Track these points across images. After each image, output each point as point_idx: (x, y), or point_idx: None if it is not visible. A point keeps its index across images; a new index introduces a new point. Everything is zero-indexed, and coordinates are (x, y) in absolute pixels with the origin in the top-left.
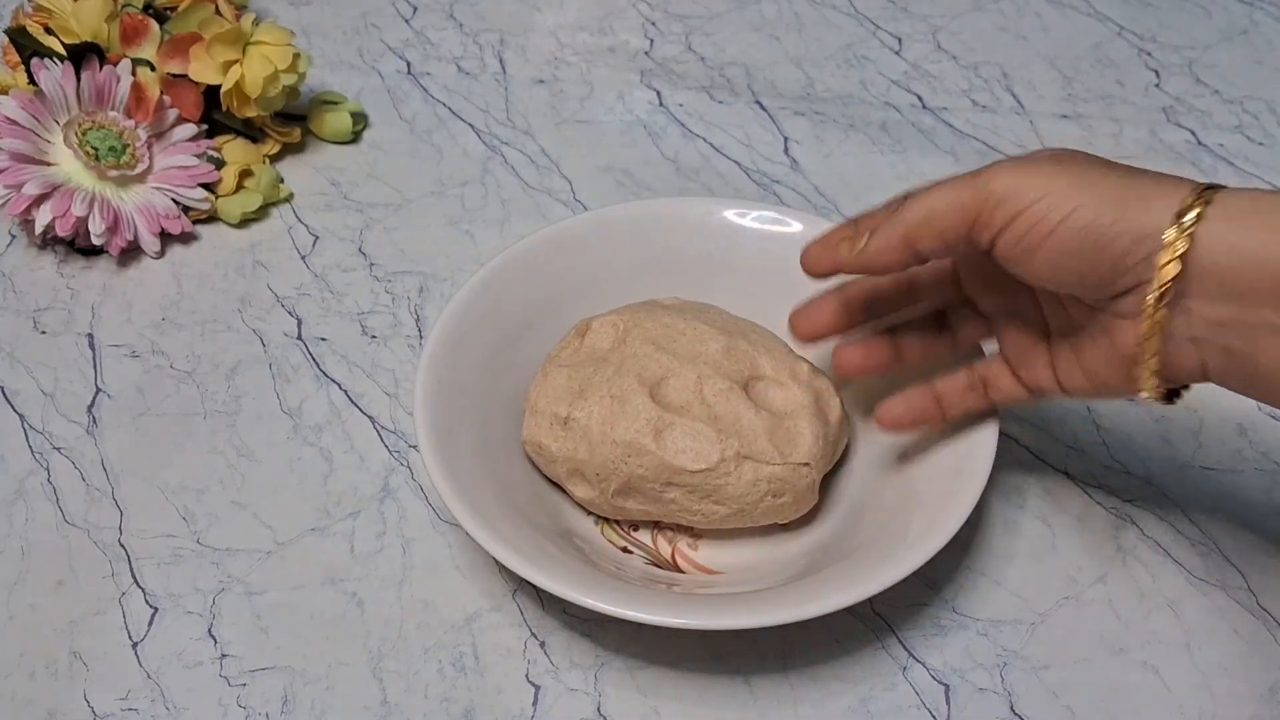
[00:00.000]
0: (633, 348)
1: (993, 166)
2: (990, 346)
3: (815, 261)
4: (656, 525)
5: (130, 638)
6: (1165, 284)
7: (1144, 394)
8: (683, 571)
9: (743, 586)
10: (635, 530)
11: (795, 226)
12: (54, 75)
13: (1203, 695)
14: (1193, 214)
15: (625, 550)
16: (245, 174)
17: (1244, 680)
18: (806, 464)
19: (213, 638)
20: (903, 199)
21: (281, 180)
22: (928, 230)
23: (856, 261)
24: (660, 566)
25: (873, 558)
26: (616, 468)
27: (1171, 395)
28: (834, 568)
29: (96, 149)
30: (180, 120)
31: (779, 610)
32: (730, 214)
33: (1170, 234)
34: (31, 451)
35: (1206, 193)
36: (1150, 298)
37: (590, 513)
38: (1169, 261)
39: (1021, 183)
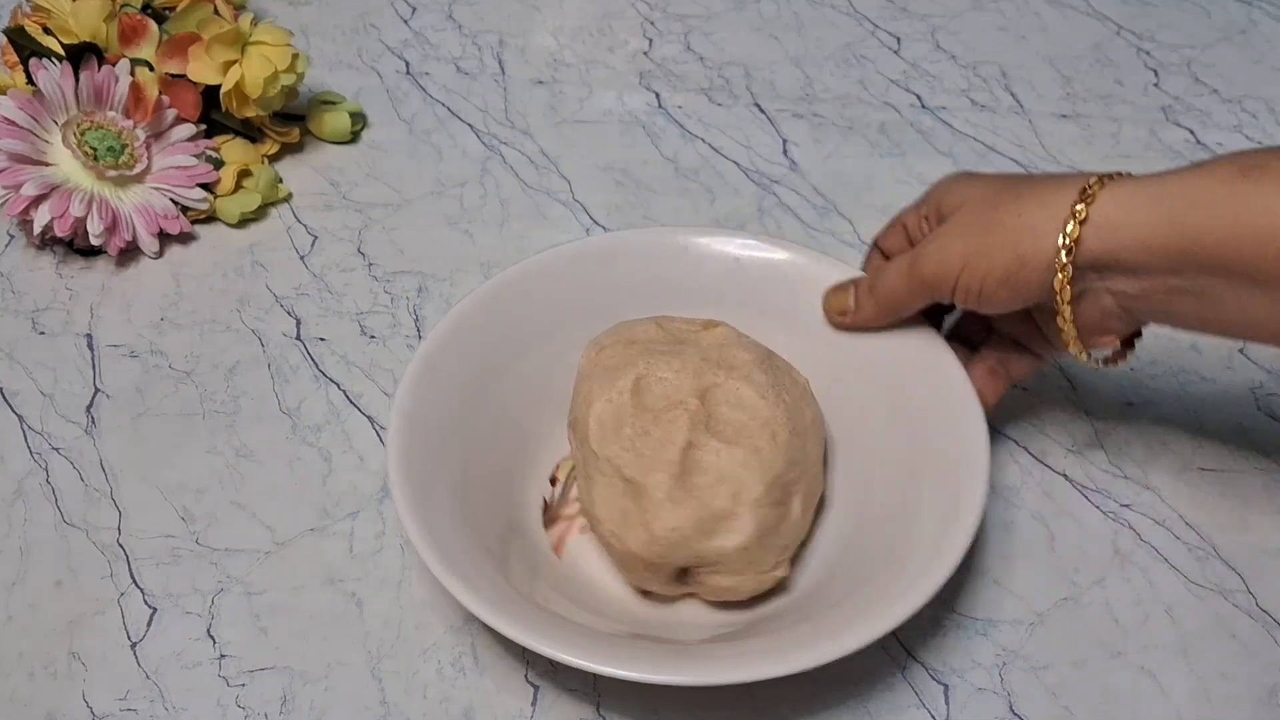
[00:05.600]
0: (689, 352)
1: (919, 253)
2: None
3: (829, 320)
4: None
5: (129, 638)
6: (1066, 261)
7: (1079, 356)
8: (546, 531)
9: (552, 597)
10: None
11: (781, 255)
12: (52, 75)
13: (1200, 701)
14: (1082, 205)
15: (552, 481)
16: (244, 174)
17: (1242, 685)
18: (603, 520)
19: (212, 638)
20: (875, 274)
21: (280, 180)
22: (895, 308)
23: (853, 326)
24: (544, 515)
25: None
26: (578, 399)
27: (1123, 350)
28: (806, 624)
29: (95, 149)
30: (179, 120)
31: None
32: (708, 240)
33: (1068, 228)
34: (30, 452)
35: (1093, 186)
36: (1059, 280)
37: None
38: (1064, 248)
39: (942, 264)
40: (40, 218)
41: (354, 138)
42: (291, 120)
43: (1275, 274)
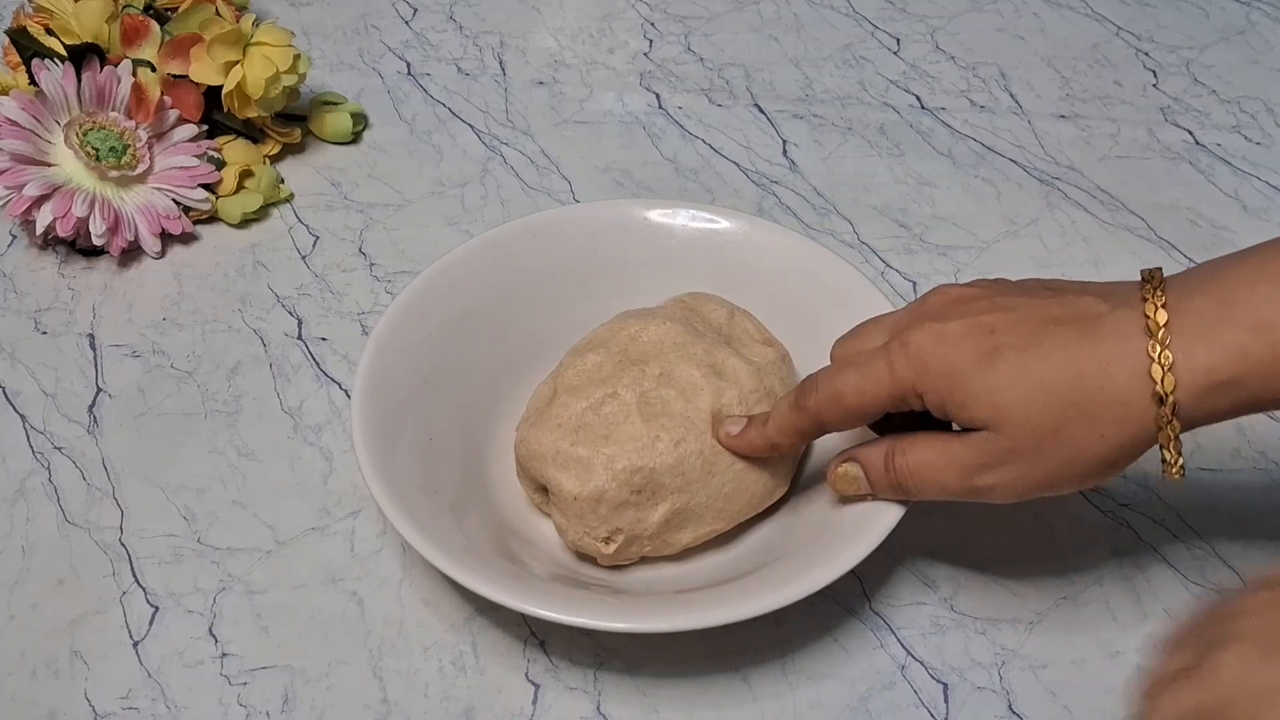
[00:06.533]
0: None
1: (976, 477)
2: None
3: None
4: None
5: (131, 637)
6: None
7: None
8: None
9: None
10: None
11: (724, 224)
12: (55, 76)
13: None
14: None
15: None
16: (246, 174)
17: None
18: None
19: (213, 637)
20: (902, 466)
21: (282, 180)
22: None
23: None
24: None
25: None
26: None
27: None
28: (772, 567)
29: (97, 149)
30: (181, 121)
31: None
32: (657, 214)
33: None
34: (33, 451)
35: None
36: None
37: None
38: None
39: (1017, 490)
40: (42, 218)
41: (355, 138)
42: (293, 121)
43: None
